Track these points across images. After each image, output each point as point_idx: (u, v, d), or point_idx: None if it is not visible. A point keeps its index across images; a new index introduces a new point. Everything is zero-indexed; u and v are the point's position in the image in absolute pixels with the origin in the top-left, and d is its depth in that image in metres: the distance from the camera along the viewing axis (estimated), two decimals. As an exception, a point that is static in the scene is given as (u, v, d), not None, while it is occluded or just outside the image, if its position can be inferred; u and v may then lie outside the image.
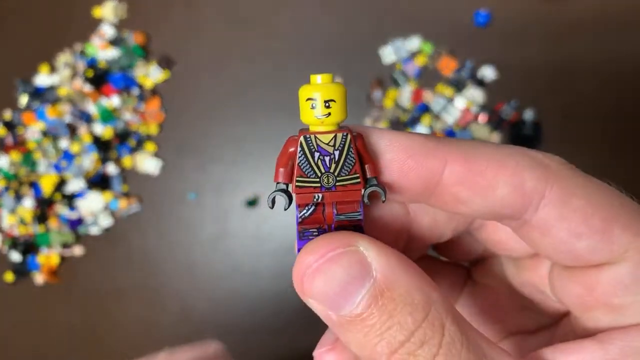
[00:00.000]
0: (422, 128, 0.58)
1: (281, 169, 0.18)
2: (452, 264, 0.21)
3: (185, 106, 0.65)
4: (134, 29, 0.66)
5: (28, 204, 0.66)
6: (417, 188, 0.16)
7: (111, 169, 0.65)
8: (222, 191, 0.64)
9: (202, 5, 0.65)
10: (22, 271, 0.65)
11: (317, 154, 0.18)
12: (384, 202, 0.17)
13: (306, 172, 0.17)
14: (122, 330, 0.67)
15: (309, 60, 0.62)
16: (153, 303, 0.66)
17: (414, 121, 0.58)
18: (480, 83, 0.58)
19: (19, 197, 0.67)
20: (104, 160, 0.64)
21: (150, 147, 0.65)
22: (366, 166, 0.18)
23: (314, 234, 0.17)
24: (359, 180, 0.18)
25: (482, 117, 0.57)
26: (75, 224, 0.65)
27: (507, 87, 0.58)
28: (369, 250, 0.15)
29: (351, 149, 0.18)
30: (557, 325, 0.17)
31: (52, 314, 0.65)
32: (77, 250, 0.66)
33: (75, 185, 0.65)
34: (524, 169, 0.17)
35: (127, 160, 0.65)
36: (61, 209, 0.66)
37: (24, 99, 0.67)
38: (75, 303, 0.63)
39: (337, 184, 0.18)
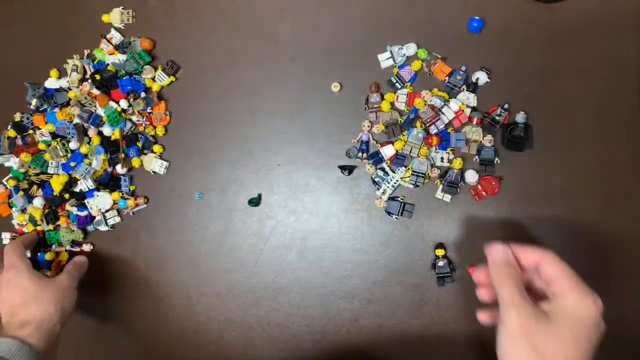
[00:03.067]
0: (416, 130, 0.60)
1: None
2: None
3: (190, 109, 0.67)
4: (140, 34, 0.67)
5: (39, 204, 0.68)
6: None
7: (119, 169, 0.66)
8: (226, 191, 0.66)
9: (206, 12, 0.67)
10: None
11: None
12: None
13: None
14: (129, 323, 0.69)
15: (309, 64, 0.64)
16: (159, 297, 0.67)
17: (409, 123, 0.60)
18: (473, 87, 0.59)
19: (29, 197, 0.69)
20: (111, 161, 0.66)
21: (157, 148, 0.67)
22: None
23: None
24: None
25: (475, 119, 0.59)
26: (83, 222, 0.67)
27: (500, 90, 0.60)
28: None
29: None
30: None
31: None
32: (86, 247, 0.68)
33: (84, 185, 0.67)
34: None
35: (134, 161, 0.67)
36: (70, 208, 0.68)
37: (34, 102, 0.69)
38: (83, 298, 0.65)
39: None
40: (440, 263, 0.60)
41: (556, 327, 0.40)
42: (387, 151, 0.61)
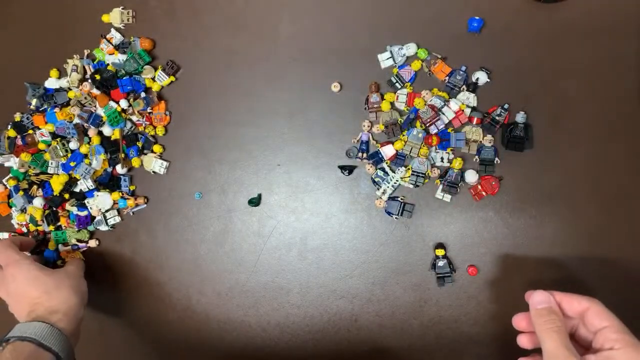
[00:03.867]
0: (416, 130, 0.60)
1: None
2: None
3: (190, 109, 0.67)
4: (140, 34, 0.67)
5: (39, 203, 0.68)
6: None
7: (119, 169, 0.67)
8: (226, 191, 0.66)
9: (206, 13, 0.67)
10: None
11: None
12: None
13: None
14: (129, 323, 0.69)
15: (309, 64, 0.64)
16: (160, 297, 0.67)
17: (409, 123, 0.60)
18: (473, 87, 0.59)
19: (28, 197, 0.69)
20: (111, 161, 0.66)
21: (157, 148, 0.67)
22: None
23: None
24: None
25: (475, 119, 0.59)
26: (84, 222, 0.67)
27: (500, 90, 0.60)
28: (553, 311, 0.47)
29: None
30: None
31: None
32: (92, 243, 0.68)
33: (84, 185, 0.67)
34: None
35: (134, 161, 0.67)
36: (71, 208, 0.68)
37: (34, 102, 0.69)
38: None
39: None
40: (440, 263, 0.60)
41: None
42: (387, 151, 0.61)
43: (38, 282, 0.59)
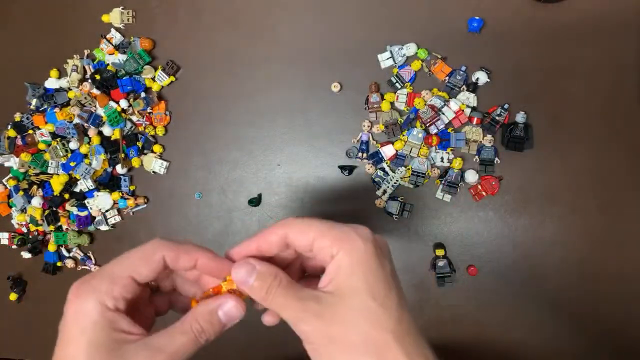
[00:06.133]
0: (416, 130, 0.60)
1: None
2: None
3: (190, 109, 0.67)
4: (140, 34, 0.67)
5: (38, 203, 0.68)
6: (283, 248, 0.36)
7: (119, 169, 0.67)
8: (226, 191, 0.66)
9: (206, 12, 0.67)
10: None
11: None
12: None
13: None
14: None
15: (309, 64, 0.64)
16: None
17: (409, 123, 0.60)
18: (473, 87, 0.59)
19: (28, 197, 0.69)
20: (111, 161, 0.66)
21: (156, 148, 0.67)
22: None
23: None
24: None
25: (475, 119, 0.59)
26: (84, 222, 0.67)
27: (500, 90, 0.60)
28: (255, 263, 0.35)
29: None
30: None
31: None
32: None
33: (84, 185, 0.67)
34: (277, 228, 0.35)
35: (134, 161, 0.67)
36: (71, 208, 0.68)
37: (34, 102, 0.69)
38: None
39: None
40: (440, 263, 0.60)
41: (336, 299, 0.32)
42: (387, 151, 0.61)
43: None
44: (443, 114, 0.59)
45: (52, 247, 0.69)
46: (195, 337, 0.34)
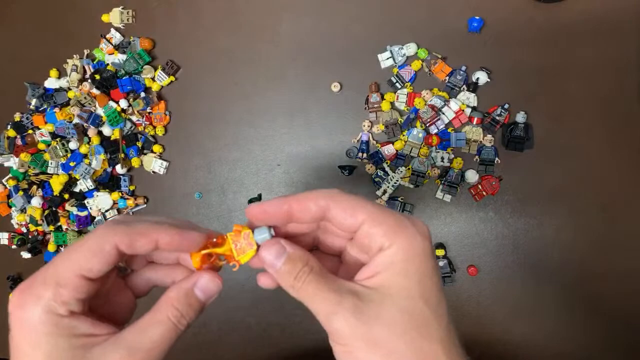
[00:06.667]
0: (416, 130, 0.60)
1: None
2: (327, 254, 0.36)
3: (190, 109, 0.67)
4: (140, 34, 0.67)
5: (37, 203, 0.68)
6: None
7: (119, 169, 0.66)
8: (226, 191, 0.66)
9: (206, 12, 0.67)
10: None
11: None
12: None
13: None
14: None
15: (309, 64, 0.64)
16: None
17: (409, 123, 0.60)
18: (474, 86, 0.59)
19: (28, 197, 0.69)
20: (111, 161, 0.66)
21: (156, 148, 0.67)
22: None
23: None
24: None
25: (476, 119, 0.59)
26: (84, 222, 0.67)
27: (500, 90, 0.60)
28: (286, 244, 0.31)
29: None
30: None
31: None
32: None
33: (83, 185, 0.67)
34: (319, 197, 0.30)
35: (134, 161, 0.66)
36: (70, 208, 0.68)
37: (33, 102, 0.69)
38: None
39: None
40: (441, 263, 0.60)
41: (382, 297, 0.28)
42: (387, 151, 0.61)
43: None
44: (443, 113, 0.59)
45: (52, 247, 0.69)
46: (175, 324, 0.31)
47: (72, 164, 0.66)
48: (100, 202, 0.66)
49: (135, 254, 0.32)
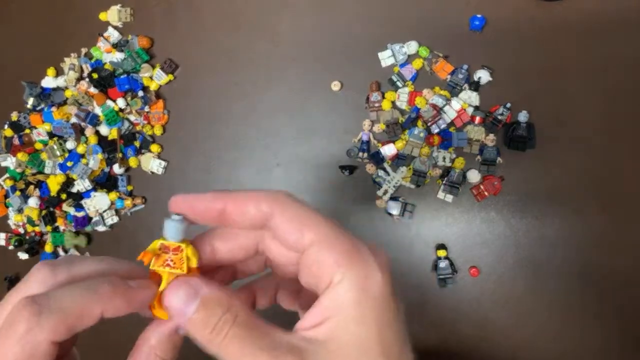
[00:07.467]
0: (417, 129, 0.59)
1: None
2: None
3: (189, 108, 0.66)
4: (138, 33, 0.67)
5: (35, 203, 0.68)
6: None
7: (116, 169, 0.66)
8: (225, 191, 0.65)
9: (205, 11, 0.66)
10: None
11: None
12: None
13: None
14: (128, 325, 0.68)
15: (309, 63, 0.63)
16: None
17: (411, 122, 0.60)
18: (475, 85, 0.59)
19: (25, 197, 0.69)
20: (109, 160, 0.65)
21: (154, 148, 0.66)
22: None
23: None
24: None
25: (477, 119, 0.59)
26: (81, 223, 0.67)
27: (502, 89, 0.59)
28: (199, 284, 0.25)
29: None
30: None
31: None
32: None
33: (81, 185, 0.66)
34: (261, 199, 0.24)
35: (132, 161, 0.66)
36: (68, 208, 0.67)
37: (30, 101, 0.69)
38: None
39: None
40: (442, 264, 0.59)
41: (331, 355, 0.22)
42: (388, 151, 0.60)
43: None
44: (445, 113, 0.59)
45: (49, 248, 0.68)
46: None
47: (69, 163, 0.66)
48: (98, 202, 0.66)
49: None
